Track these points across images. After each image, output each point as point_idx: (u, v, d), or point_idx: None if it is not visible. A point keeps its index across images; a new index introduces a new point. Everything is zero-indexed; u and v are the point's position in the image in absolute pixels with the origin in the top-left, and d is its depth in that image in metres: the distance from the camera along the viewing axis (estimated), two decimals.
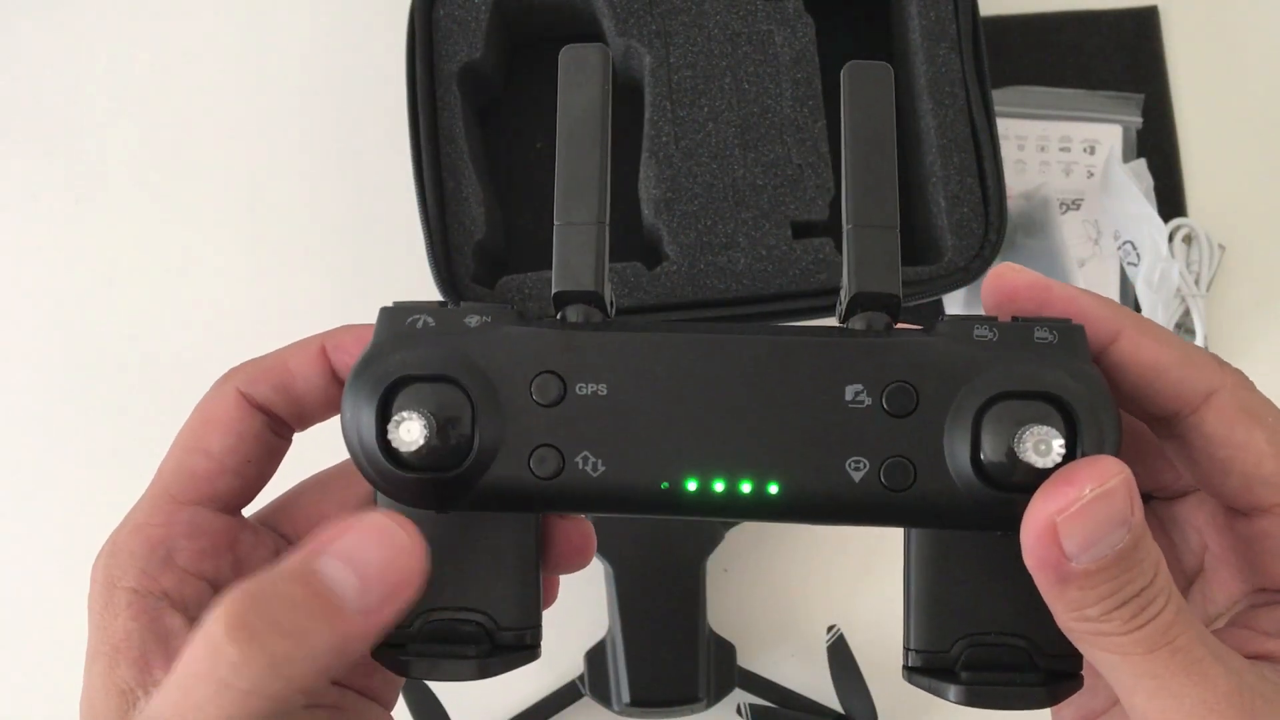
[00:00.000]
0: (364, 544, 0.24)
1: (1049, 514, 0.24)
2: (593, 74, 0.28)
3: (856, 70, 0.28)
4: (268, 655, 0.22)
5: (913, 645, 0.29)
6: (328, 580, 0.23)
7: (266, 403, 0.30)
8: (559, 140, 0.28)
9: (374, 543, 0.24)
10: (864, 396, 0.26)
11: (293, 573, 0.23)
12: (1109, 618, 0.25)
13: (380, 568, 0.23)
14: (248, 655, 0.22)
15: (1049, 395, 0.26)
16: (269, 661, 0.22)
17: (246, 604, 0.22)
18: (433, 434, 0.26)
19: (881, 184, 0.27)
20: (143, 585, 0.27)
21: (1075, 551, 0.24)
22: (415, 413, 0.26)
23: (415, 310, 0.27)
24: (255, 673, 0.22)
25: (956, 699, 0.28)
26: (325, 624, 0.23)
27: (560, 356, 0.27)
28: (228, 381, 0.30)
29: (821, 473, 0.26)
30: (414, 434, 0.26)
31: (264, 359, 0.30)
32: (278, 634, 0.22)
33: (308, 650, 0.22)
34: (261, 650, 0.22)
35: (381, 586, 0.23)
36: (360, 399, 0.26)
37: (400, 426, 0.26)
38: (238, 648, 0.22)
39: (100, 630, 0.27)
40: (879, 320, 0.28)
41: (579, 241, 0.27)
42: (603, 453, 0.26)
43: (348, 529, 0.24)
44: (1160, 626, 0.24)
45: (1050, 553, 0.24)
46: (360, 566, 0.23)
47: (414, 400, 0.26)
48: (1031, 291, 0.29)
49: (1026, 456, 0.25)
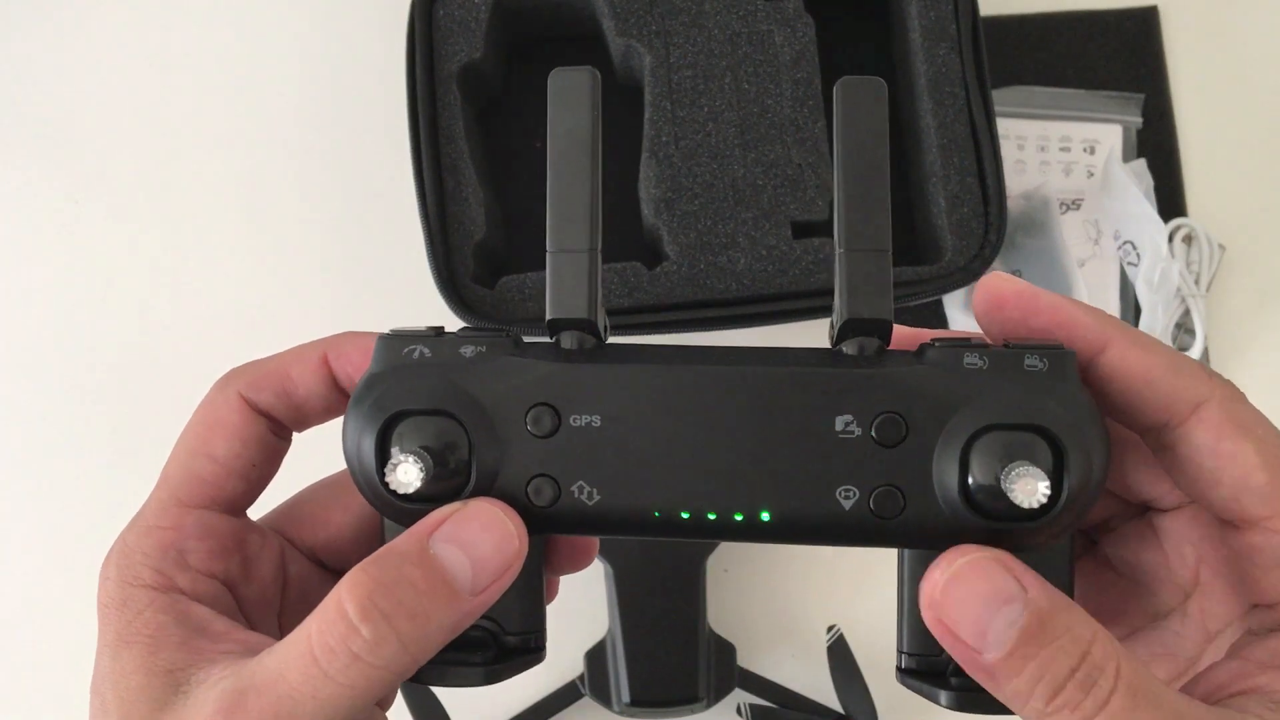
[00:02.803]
0: (475, 530, 0.26)
1: (927, 613, 0.25)
2: (582, 99, 0.28)
3: (850, 86, 0.28)
4: (397, 635, 0.24)
5: (905, 648, 0.30)
6: (444, 563, 0.25)
7: (268, 408, 0.31)
8: (550, 165, 0.28)
9: (484, 528, 0.26)
10: (854, 427, 0.27)
11: (412, 556, 0.25)
12: (1056, 707, 0.24)
13: (490, 552, 0.26)
14: (381, 635, 0.24)
15: (1038, 427, 0.26)
16: (399, 640, 0.24)
17: (373, 587, 0.24)
18: (429, 475, 0.26)
19: (874, 205, 0.27)
20: (159, 583, 0.28)
21: (974, 641, 0.24)
22: (411, 455, 0.26)
23: (411, 340, 0.28)
24: (388, 651, 0.24)
25: (947, 704, 0.28)
26: (445, 605, 0.25)
27: (555, 389, 0.27)
28: (229, 385, 0.30)
29: (812, 502, 0.27)
30: (410, 476, 0.26)
31: (265, 363, 0.31)
32: (405, 616, 0.24)
33: (430, 629, 0.25)
34: (391, 630, 0.24)
35: (491, 570, 0.26)
36: (361, 430, 0.27)
37: (397, 470, 0.26)
38: (371, 627, 0.24)
39: (125, 624, 0.28)
40: (870, 345, 0.28)
41: (571, 270, 0.28)
42: (597, 483, 0.27)
43: (460, 516, 0.26)
44: (1114, 712, 0.23)
45: (958, 649, 0.25)
46: (472, 550, 0.25)
47: (412, 434, 0.27)
48: (1019, 300, 0.29)
49: (1014, 498, 0.25)
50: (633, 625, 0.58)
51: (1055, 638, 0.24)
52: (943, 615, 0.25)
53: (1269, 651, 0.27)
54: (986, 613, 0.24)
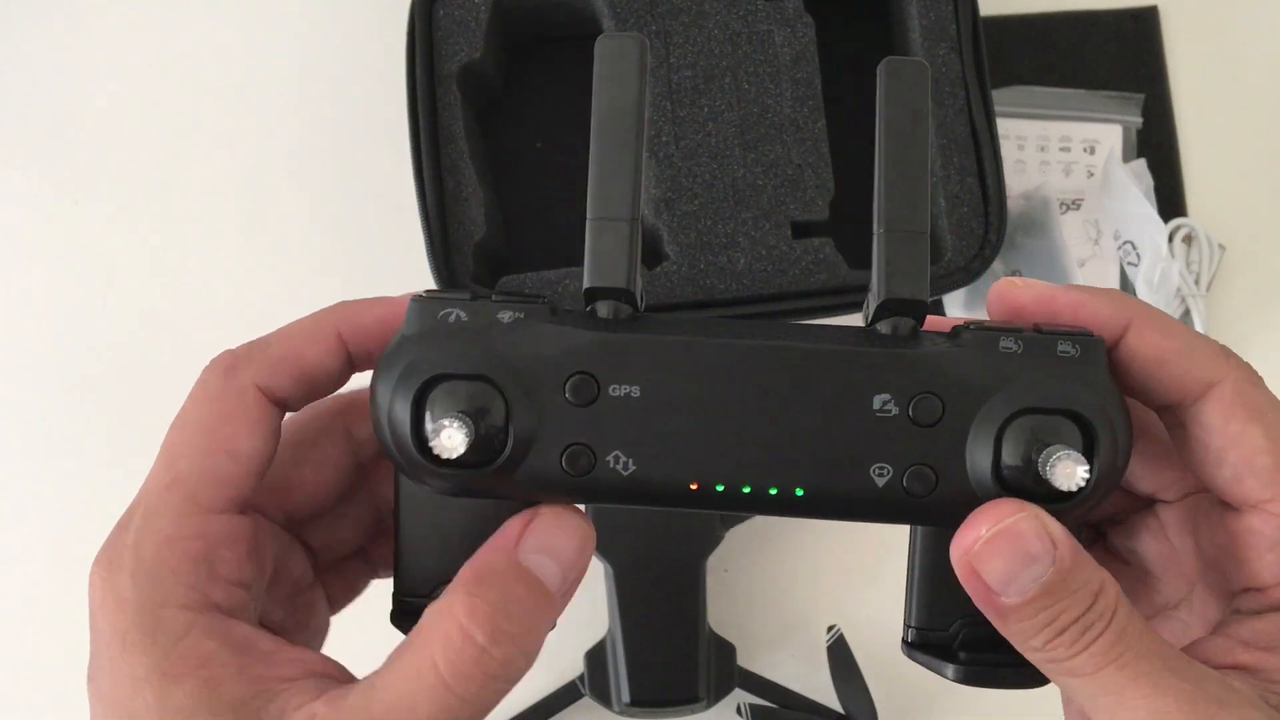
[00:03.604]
0: (559, 536, 0.27)
1: (958, 554, 0.26)
2: (629, 66, 0.28)
3: (894, 67, 0.28)
4: (522, 650, 0.26)
5: (914, 622, 0.30)
6: (538, 573, 0.26)
7: (285, 396, 0.29)
8: (594, 133, 0.28)
9: (565, 533, 0.27)
10: (891, 406, 0.27)
11: (512, 573, 0.26)
12: (1052, 646, 0.26)
13: (574, 555, 0.27)
14: (510, 655, 0.26)
15: (1071, 413, 0.27)
16: (523, 654, 0.26)
17: (493, 611, 0.25)
18: (474, 439, 0.26)
19: (914, 188, 0.28)
20: (195, 602, 0.26)
21: (998, 587, 0.26)
22: (457, 420, 0.26)
23: (447, 303, 0.27)
24: (518, 667, 0.26)
25: (955, 677, 0.29)
26: (546, 612, 0.27)
27: (595, 358, 0.27)
28: (239, 373, 0.28)
29: (846, 478, 0.27)
30: (455, 441, 0.26)
31: (274, 346, 0.29)
32: (524, 631, 0.26)
33: (540, 636, 0.27)
34: (516, 647, 0.26)
35: (576, 571, 0.27)
36: (395, 394, 0.26)
37: (442, 434, 0.26)
38: (501, 649, 0.25)
39: (162, 655, 0.25)
40: (905, 325, 0.28)
41: (612, 238, 0.27)
42: (634, 453, 0.27)
43: (541, 525, 0.27)
44: (1102, 646, 0.25)
45: (977, 589, 0.26)
46: (558, 555, 0.27)
47: (449, 400, 0.26)
48: (1038, 305, 0.29)
49: (1055, 480, 0.26)
50: (633, 625, 0.58)
51: (1071, 591, 0.25)
52: (977, 565, 0.26)
53: (1254, 631, 0.28)
54: (1018, 567, 0.25)
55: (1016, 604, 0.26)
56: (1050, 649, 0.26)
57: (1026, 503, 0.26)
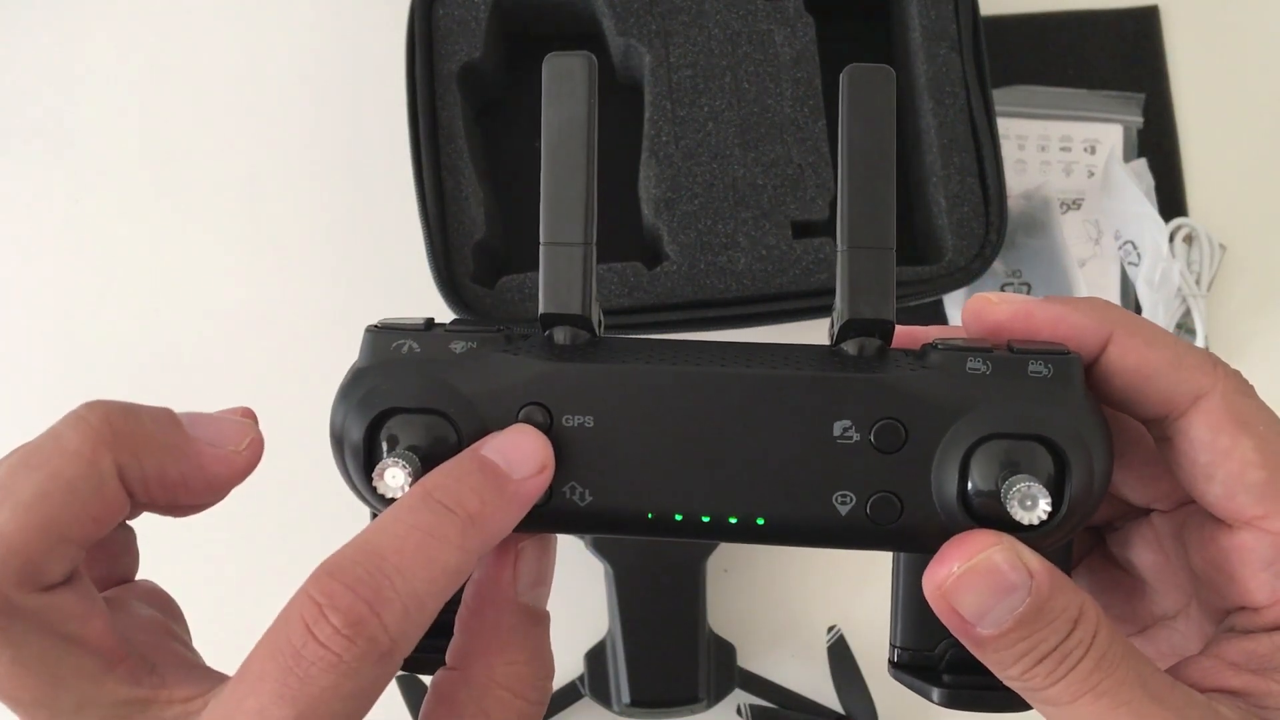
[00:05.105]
0: (512, 438, 0.27)
1: (930, 588, 0.25)
2: (578, 86, 0.27)
3: (857, 75, 0.27)
4: (482, 530, 0.25)
5: (898, 642, 0.30)
6: (494, 460, 0.26)
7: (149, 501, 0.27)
8: (544, 155, 0.27)
9: (519, 435, 0.27)
10: (852, 432, 0.26)
11: (471, 462, 0.26)
12: (1029, 675, 0.25)
13: (529, 451, 0.27)
14: (473, 542, 0.25)
15: (1041, 437, 0.26)
16: (486, 532, 0.25)
17: (448, 489, 0.25)
18: (416, 478, 0.26)
19: (879, 203, 0.27)
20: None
21: (973, 619, 0.25)
22: (401, 459, 0.26)
23: (400, 334, 0.27)
24: (482, 541, 0.25)
25: (939, 701, 0.28)
26: (501, 491, 0.26)
27: (547, 387, 0.27)
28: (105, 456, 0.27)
29: (808, 507, 0.26)
30: (399, 481, 0.26)
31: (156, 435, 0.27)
32: (480, 505, 0.25)
33: (498, 513, 0.26)
34: (482, 529, 0.25)
35: (532, 463, 0.26)
36: (349, 425, 0.27)
37: (385, 474, 0.26)
38: (477, 530, 0.25)
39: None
40: (871, 345, 0.27)
41: (565, 264, 0.27)
42: (589, 484, 0.27)
43: (498, 433, 0.27)
44: (1080, 674, 0.25)
45: (952, 621, 0.25)
46: (512, 451, 0.26)
47: (401, 432, 0.26)
48: (1015, 321, 0.28)
49: (1014, 514, 0.25)
50: (633, 625, 0.58)
51: (1048, 621, 0.25)
52: (950, 599, 0.25)
53: (1244, 652, 0.27)
54: (993, 601, 0.25)
55: (993, 635, 0.25)
56: (1027, 678, 0.25)
57: (1000, 534, 0.25)
